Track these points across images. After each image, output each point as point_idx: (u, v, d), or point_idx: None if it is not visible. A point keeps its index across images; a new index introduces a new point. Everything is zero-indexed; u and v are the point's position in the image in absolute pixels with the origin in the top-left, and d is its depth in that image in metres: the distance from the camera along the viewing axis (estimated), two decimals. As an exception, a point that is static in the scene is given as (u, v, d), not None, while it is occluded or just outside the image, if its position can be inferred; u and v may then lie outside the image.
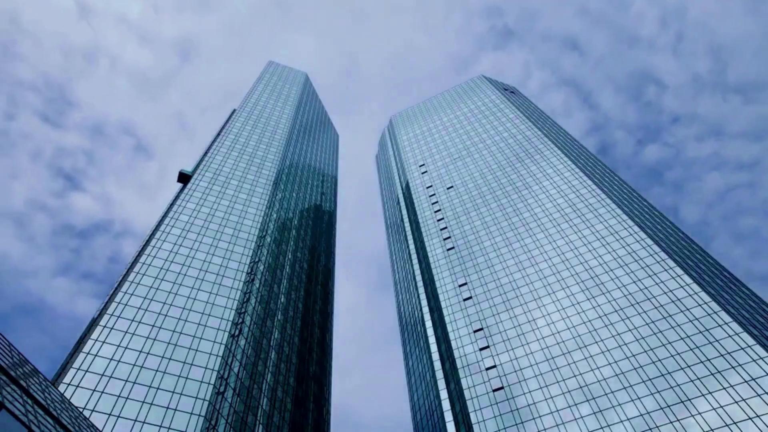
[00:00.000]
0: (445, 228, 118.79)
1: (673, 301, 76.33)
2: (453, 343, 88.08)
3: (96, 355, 64.07)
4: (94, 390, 59.80)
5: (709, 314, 71.91)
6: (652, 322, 74.90)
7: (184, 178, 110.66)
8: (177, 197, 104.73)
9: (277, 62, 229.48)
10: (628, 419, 64.74)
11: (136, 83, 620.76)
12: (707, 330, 70.07)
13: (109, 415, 57.71)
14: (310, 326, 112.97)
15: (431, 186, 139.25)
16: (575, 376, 73.29)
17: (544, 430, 68.51)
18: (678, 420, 61.88)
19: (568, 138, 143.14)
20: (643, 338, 73.40)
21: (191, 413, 61.75)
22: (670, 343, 70.95)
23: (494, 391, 76.76)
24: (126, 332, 68.96)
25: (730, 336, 67.85)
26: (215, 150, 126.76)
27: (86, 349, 64.69)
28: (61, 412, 33.05)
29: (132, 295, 75.18)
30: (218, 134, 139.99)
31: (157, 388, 63.21)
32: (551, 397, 72.02)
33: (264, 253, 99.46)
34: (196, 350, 70.67)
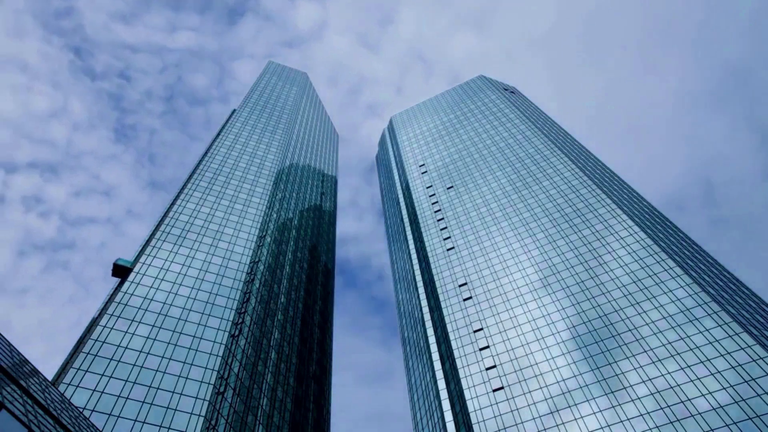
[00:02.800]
0: (445, 228, 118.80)
1: (673, 302, 76.32)
2: (453, 343, 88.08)
3: (96, 355, 64.08)
4: (94, 390, 59.80)
5: (709, 314, 71.91)
6: (653, 322, 74.91)
7: (120, 271, 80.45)
8: (177, 197, 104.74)
9: (277, 62, 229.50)
10: (628, 419, 64.75)
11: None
12: (707, 330, 70.07)
13: (109, 415, 57.71)
14: (310, 326, 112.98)
15: (431, 186, 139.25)
16: (575, 376, 73.30)
17: (544, 430, 68.51)
18: (678, 420, 61.89)
19: (568, 138, 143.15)
20: (643, 338, 73.41)
21: (191, 413, 61.76)
22: (670, 343, 70.95)
23: (494, 391, 76.77)
24: (126, 332, 68.97)
25: (730, 336, 67.86)
26: (215, 150, 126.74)
27: (86, 349, 64.70)
28: (61, 412, 33.05)
29: (132, 295, 75.19)
30: (218, 134, 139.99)
31: (157, 388, 63.22)
32: (551, 397, 72.03)
33: (264, 253, 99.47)
34: (196, 350, 70.67)
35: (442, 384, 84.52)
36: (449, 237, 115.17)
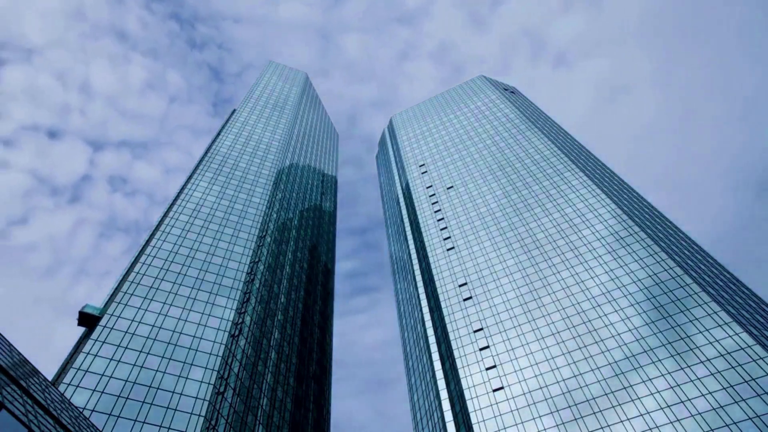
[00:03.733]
0: (445, 228, 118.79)
1: (673, 302, 76.32)
2: (453, 343, 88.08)
3: (96, 355, 64.08)
4: (94, 390, 59.81)
5: (709, 314, 71.91)
6: (652, 322, 74.91)
7: (87, 320, 70.02)
8: (177, 197, 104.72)
9: (278, 62, 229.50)
10: (628, 419, 64.75)
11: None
12: (707, 330, 70.07)
13: (109, 415, 57.72)
14: (310, 326, 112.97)
15: (431, 186, 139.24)
16: (575, 376, 73.30)
17: (545, 430, 68.51)
18: (678, 420, 61.89)
19: (568, 138, 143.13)
20: (643, 338, 73.40)
21: (191, 413, 61.76)
22: (670, 343, 70.96)
23: (494, 391, 76.77)
24: (126, 332, 68.95)
25: (730, 336, 67.86)
26: (215, 150, 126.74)
27: (86, 349, 64.70)
28: (61, 412, 33.05)
29: (132, 295, 75.20)
30: (218, 134, 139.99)
31: (157, 388, 63.23)
32: (551, 397, 72.03)
33: (264, 253, 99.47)
34: (196, 350, 70.67)
35: (442, 384, 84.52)
36: (449, 237, 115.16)
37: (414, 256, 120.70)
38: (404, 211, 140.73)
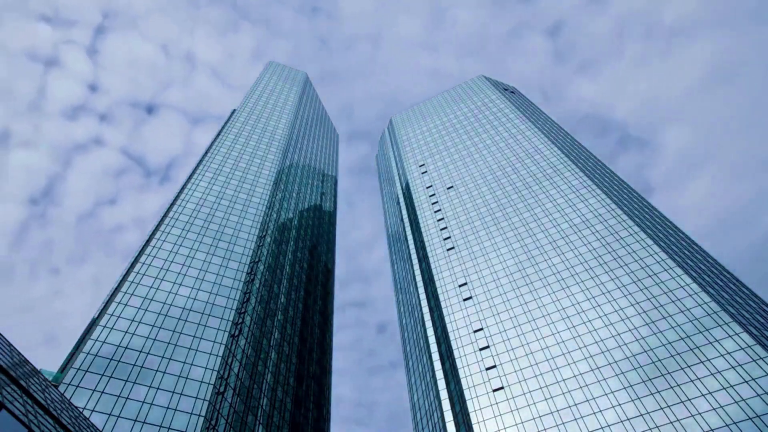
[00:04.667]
0: (445, 228, 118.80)
1: (673, 301, 76.32)
2: (453, 343, 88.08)
3: (96, 355, 64.09)
4: (94, 390, 59.82)
5: (709, 314, 71.91)
6: (652, 322, 74.92)
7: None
8: (177, 197, 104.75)
9: (277, 62, 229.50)
10: (628, 419, 64.75)
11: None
12: (707, 330, 70.07)
13: (109, 415, 57.72)
14: (310, 326, 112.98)
15: (431, 186, 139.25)
16: (575, 376, 73.30)
17: (545, 430, 68.51)
18: (678, 420, 61.88)
19: (568, 138, 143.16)
20: (643, 338, 73.41)
21: (191, 413, 61.77)
22: (670, 343, 70.96)
23: (494, 391, 76.77)
24: (126, 332, 68.99)
25: (730, 336, 67.86)
26: (215, 150, 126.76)
27: (86, 348, 64.71)
28: (61, 412, 33.05)
29: (132, 295, 75.21)
30: (218, 134, 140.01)
31: (157, 388, 63.24)
32: (551, 397, 72.03)
33: (264, 253, 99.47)
34: (196, 350, 70.69)
35: (442, 384, 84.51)
36: (449, 237, 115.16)
37: (414, 256, 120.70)
38: (404, 211, 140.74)
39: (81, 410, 54.98)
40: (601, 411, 67.35)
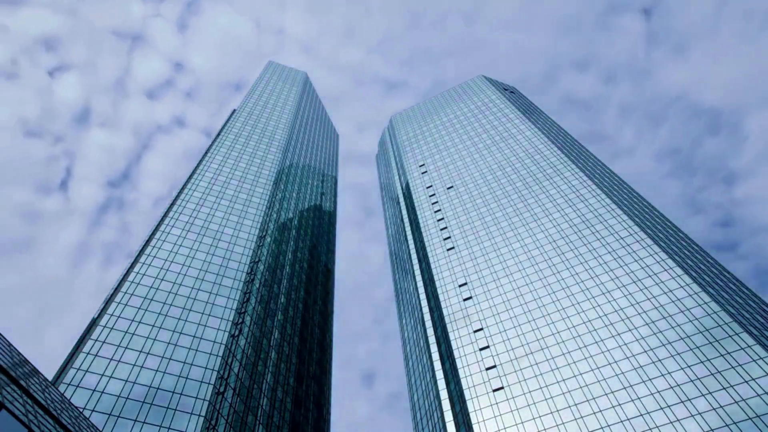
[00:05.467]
0: (445, 228, 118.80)
1: (673, 301, 76.32)
2: (453, 343, 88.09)
3: (96, 355, 64.08)
4: (94, 390, 59.81)
5: (709, 314, 71.91)
6: (652, 322, 74.91)
7: None
8: (177, 197, 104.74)
9: (277, 62, 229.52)
10: (628, 419, 64.75)
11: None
12: (707, 330, 70.07)
13: (109, 415, 57.71)
14: (310, 326, 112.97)
15: (431, 186, 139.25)
16: (575, 376, 73.30)
17: (544, 430, 68.51)
18: (678, 420, 61.88)
19: (568, 138, 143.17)
20: (643, 338, 73.40)
21: (191, 413, 61.76)
22: (670, 343, 70.96)
23: (494, 391, 76.77)
24: (126, 332, 68.97)
25: (730, 336, 67.85)
26: (215, 150, 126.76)
27: (86, 349, 64.70)
28: (61, 412, 33.05)
29: (132, 295, 75.20)
30: (218, 134, 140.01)
31: (157, 388, 63.23)
32: (551, 397, 72.03)
33: (264, 253, 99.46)
34: (196, 350, 70.68)
35: (442, 384, 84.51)
36: (449, 237, 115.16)
37: (414, 256, 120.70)
38: (404, 211, 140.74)
39: (81, 410, 54.97)
40: (601, 411, 67.34)
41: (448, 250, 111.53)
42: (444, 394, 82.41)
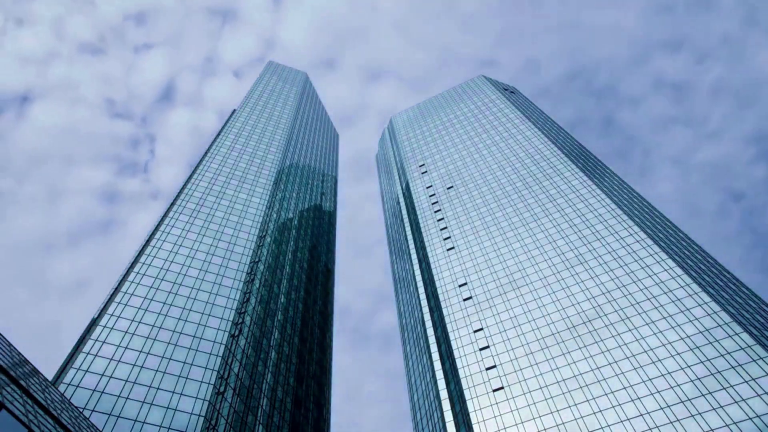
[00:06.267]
0: (445, 228, 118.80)
1: (673, 302, 76.32)
2: (453, 343, 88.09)
3: (96, 355, 64.08)
4: (94, 390, 59.81)
5: (709, 314, 71.91)
6: (652, 322, 74.92)
7: None
8: (177, 197, 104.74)
9: (277, 62, 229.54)
10: (628, 419, 64.75)
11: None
12: (707, 330, 70.07)
13: (109, 415, 57.71)
14: (310, 326, 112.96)
15: (431, 186, 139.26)
16: (575, 376, 73.30)
17: (544, 430, 68.51)
18: (678, 420, 61.88)
19: (568, 138, 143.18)
20: (643, 338, 73.40)
21: (191, 413, 61.76)
22: (670, 343, 70.96)
23: (494, 391, 76.77)
24: (126, 332, 68.97)
25: (730, 336, 67.86)
26: (215, 150, 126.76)
27: (86, 349, 64.70)
28: (61, 412, 33.06)
29: (132, 295, 75.20)
30: (218, 134, 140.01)
31: (157, 388, 63.22)
32: (551, 397, 72.03)
33: (264, 253, 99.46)
34: (196, 350, 70.67)
35: (442, 384, 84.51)
36: (449, 237, 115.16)
37: (414, 256, 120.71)
38: (404, 211, 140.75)
39: (81, 410, 54.98)
40: (601, 411, 67.35)
41: (448, 250, 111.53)
42: (444, 394, 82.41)
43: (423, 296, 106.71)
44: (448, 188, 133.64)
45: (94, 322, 71.44)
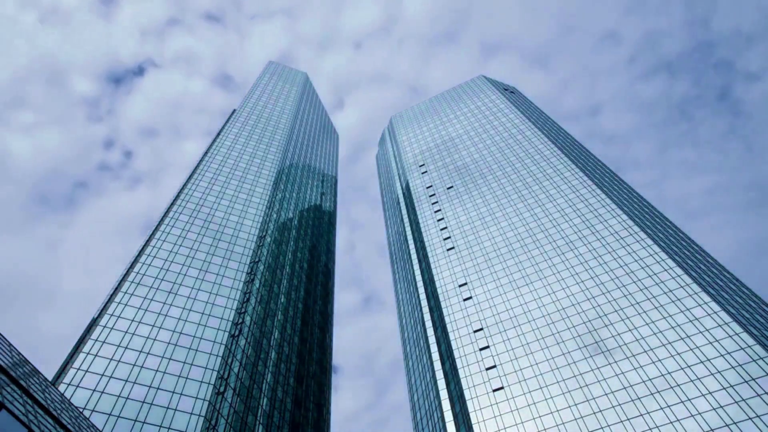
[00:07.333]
0: (445, 228, 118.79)
1: (673, 302, 76.32)
2: (453, 343, 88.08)
3: (96, 355, 64.07)
4: (94, 390, 59.80)
5: (709, 314, 71.91)
6: (653, 322, 74.92)
7: None
8: (177, 197, 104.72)
9: (278, 62, 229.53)
10: (628, 419, 64.75)
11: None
12: (707, 330, 70.07)
13: (109, 415, 57.71)
14: (310, 326, 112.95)
15: (431, 186, 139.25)
16: (575, 376, 73.30)
17: (544, 430, 68.51)
18: (678, 420, 61.88)
19: (568, 138, 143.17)
20: (643, 338, 73.40)
21: (191, 413, 61.76)
22: (670, 343, 70.96)
23: (494, 391, 76.77)
24: (126, 332, 68.96)
25: (730, 336, 67.85)
26: (215, 150, 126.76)
27: (86, 349, 64.69)
28: (61, 412, 33.05)
29: (132, 295, 75.19)
30: (218, 134, 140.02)
31: (157, 388, 63.22)
32: (551, 397, 72.03)
33: (264, 253, 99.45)
34: (196, 350, 70.67)
35: (442, 384, 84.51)
36: (449, 237, 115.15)
37: (414, 256, 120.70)
38: (404, 211, 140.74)
39: (81, 410, 54.98)
40: (601, 411, 67.34)
41: (448, 250, 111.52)
42: (444, 394, 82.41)
43: (423, 296, 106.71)
44: (448, 188, 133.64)
45: (94, 322, 71.44)
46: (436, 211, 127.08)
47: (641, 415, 64.44)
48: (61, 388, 58.67)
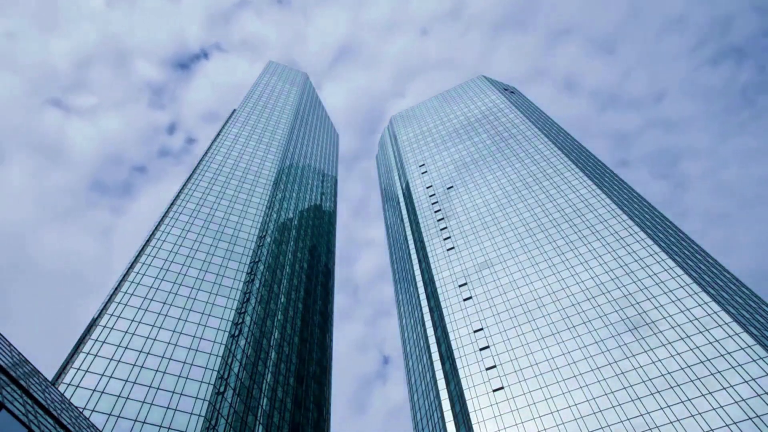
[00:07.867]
0: (445, 228, 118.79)
1: (673, 302, 76.32)
2: (453, 343, 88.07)
3: (96, 355, 64.07)
4: (94, 390, 59.81)
5: (709, 314, 71.90)
6: (653, 322, 74.91)
7: None
8: (177, 197, 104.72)
9: (277, 62, 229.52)
10: (628, 419, 64.75)
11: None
12: (707, 330, 70.07)
13: (109, 415, 57.71)
14: (310, 326, 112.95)
15: (431, 186, 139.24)
16: (575, 376, 73.30)
17: (544, 430, 68.50)
18: (678, 420, 61.88)
19: (568, 137, 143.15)
20: (643, 338, 73.40)
21: (191, 413, 61.76)
22: (670, 343, 70.96)
23: (494, 391, 76.77)
24: (126, 332, 68.96)
25: (730, 336, 67.86)
26: (215, 150, 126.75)
27: (86, 349, 64.69)
28: (61, 412, 33.05)
29: (132, 295, 75.19)
30: (218, 134, 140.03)
31: (157, 388, 63.22)
32: (551, 397, 72.02)
33: (264, 253, 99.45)
34: (196, 350, 70.66)
35: (442, 384, 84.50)
36: (449, 237, 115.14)
37: (414, 256, 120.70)
38: (404, 211, 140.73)
39: (81, 410, 54.97)
40: (601, 411, 67.34)
41: (448, 250, 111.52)
42: (444, 394, 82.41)
43: (423, 296, 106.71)
44: (448, 188, 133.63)
45: (94, 322, 71.45)
46: (436, 211, 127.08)
47: (641, 415, 64.44)
48: (61, 388, 58.68)
